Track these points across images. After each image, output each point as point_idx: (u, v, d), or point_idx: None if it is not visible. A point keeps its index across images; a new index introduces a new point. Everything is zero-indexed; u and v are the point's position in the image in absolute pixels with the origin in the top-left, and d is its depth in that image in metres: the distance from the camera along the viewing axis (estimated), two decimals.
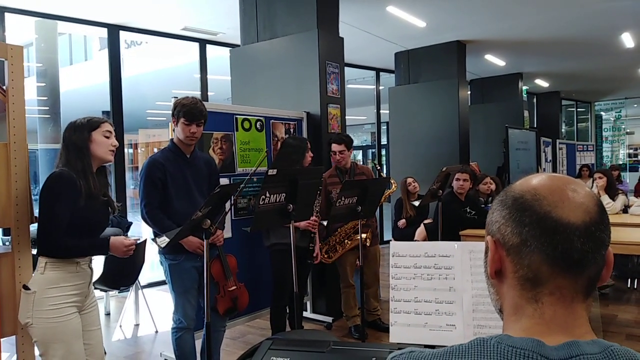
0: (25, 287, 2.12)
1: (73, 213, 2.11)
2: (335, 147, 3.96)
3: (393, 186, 4.27)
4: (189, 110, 2.79)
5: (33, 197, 2.40)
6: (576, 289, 0.70)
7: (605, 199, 5.42)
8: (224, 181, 3.52)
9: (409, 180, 5.57)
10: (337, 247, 3.98)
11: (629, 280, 5.45)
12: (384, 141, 10.54)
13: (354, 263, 4.07)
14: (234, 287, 3.08)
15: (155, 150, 7.20)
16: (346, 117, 4.83)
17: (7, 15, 5.12)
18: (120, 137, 5.87)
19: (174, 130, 2.92)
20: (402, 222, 5.39)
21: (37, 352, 2.14)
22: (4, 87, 2.32)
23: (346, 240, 3.97)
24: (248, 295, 3.20)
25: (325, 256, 3.97)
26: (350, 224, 3.93)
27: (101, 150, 2.20)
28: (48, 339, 2.07)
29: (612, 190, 5.52)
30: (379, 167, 4.10)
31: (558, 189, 0.72)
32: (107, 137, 2.22)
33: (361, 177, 4.03)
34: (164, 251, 2.81)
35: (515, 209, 0.72)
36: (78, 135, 2.17)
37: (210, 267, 3.00)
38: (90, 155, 2.18)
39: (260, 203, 2.69)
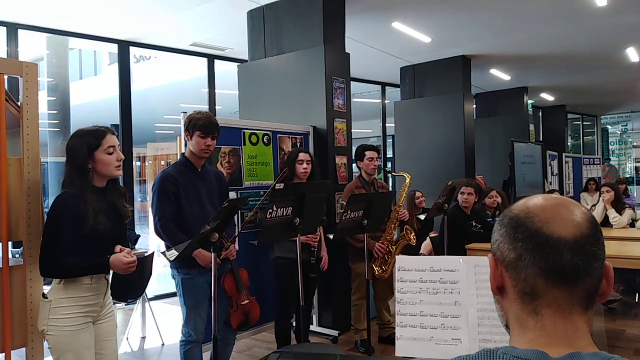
0: (44, 296, 2.16)
1: (75, 235, 2.10)
2: (372, 153, 4.09)
3: (407, 179, 4.25)
4: (204, 124, 2.84)
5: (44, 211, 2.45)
6: (572, 301, 0.73)
7: (612, 213, 5.41)
8: (232, 195, 3.56)
9: (417, 194, 5.58)
10: (387, 257, 3.99)
11: (637, 294, 5.41)
12: (389, 154, 10.57)
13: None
14: (246, 301, 3.09)
15: (163, 163, 7.27)
16: (352, 130, 4.88)
17: (20, 31, 5.23)
18: (128, 151, 5.96)
19: (185, 144, 2.96)
20: None
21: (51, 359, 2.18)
22: (19, 103, 2.38)
23: (391, 247, 3.99)
24: (259, 308, 3.21)
25: (381, 271, 3.97)
26: (388, 230, 3.97)
27: (107, 170, 2.17)
28: (60, 347, 2.10)
29: (619, 204, 5.50)
30: (388, 170, 4.20)
31: (550, 207, 0.76)
32: (111, 154, 2.17)
33: (384, 190, 4.10)
34: (176, 265, 2.83)
35: (510, 226, 0.77)
36: (78, 153, 2.13)
37: (224, 281, 3.03)
38: (91, 176, 2.16)
39: (268, 217, 2.72)
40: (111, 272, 2.26)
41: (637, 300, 5.36)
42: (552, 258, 0.72)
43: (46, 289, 2.35)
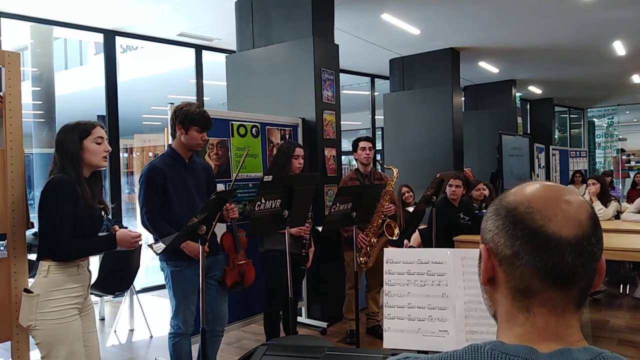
0: (27, 290, 2.13)
1: (73, 215, 2.13)
2: (365, 143, 4.10)
3: (395, 173, 4.23)
4: (202, 119, 2.84)
5: (28, 202, 2.42)
6: (567, 301, 0.71)
7: (598, 205, 5.48)
8: (220, 187, 3.53)
9: (404, 189, 5.59)
10: (369, 249, 3.97)
11: (621, 285, 5.49)
12: (378, 146, 10.59)
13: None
14: (243, 262, 3.10)
15: (151, 154, 7.21)
16: (341, 122, 4.87)
17: (2, 20, 5.13)
18: (115, 142, 5.90)
19: (173, 136, 2.93)
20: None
21: (39, 355, 2.15)
22: (1, 94, 2.34)
23: (374, 240, 3.98)
24: (255, 272, 3.21)
25: (363, 265, 3.95)
26: (375, 223, 3.94)
27: (94, 159, 2.22)
28: (51, 340, 2.09)
29: (604, 197, 5.57)
30: (380, 162, 4.37)
31: (552, 200, 0.72)
32: (99, 144, 2.22)
33: (380, 182, 4.09)
34: (165, 257, 2.82)
35: (509, 220, 0.73)
36: (69, 142, 2.17)
37: (223, 239, 3.06)
38: (82, 163, 2.19)
39: (256, 209, 2.71)
40: (97, 264, 2.26)
41: (621, 291, 5.44)
42: (552, 260, 0.69)
43: (31, 281, 2.32)
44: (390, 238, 3.96)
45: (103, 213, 2.34)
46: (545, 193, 0.73)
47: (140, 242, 2.27)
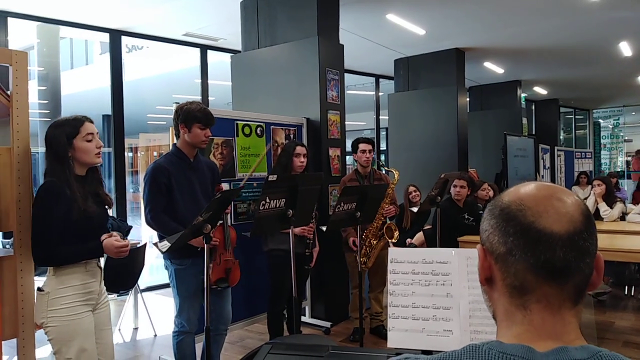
0: (39, 289, 2.15)
1: (66, 221, 2.10)
2: (365, 146, 4.08)
3: (396, 175, 4.22)
4: (205, 116, 2.86)
5: None
6: (563, 296, 0.72)
7: (603, 207, 5.45)
8: (224, 186, 3.54)
9: (411, 188, 5.59)
10: (368, 250, 3.97)
11: (626, 287, 5.47)
12: (383, 147, 10.58)
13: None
14: (229, 258, 3.07)
15: (155, 154, 7.23)
16: (346, 122, 4.87)
17: (10, 20, 5.16)
18: (120, 142, 5.92)
19: (177, 135, 2.94)
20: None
21: (45, 352, 2.16)
22: (8, 92, 2.35)
23: (373, 241, 3.97)
24: (240, 273, 3.17)
25: (363, 265, 3.93)
26: (375, 225, 3.94)
27: (87, 157, 2.17)
28: (62, 337, 2.10)
29: (610, 198, 5.54)
30: (382, 164, 4.33)
31: (544, 198, 0.73)
32: (90, 141, 2.17)
33: (380, 182, 4.08)
34: (169, 256, 2.82)
35: (502, 219, 0.74)
36: (57, 140, 2.12)
37: (213, 234, 3.01)
38: (72, 164, 2.15)
39: (260, 208, 2.72)
40: (103, 262, 2.27)
41: (626, 292, 5.42)
42: (544, 255, 0.70)
43: (37, 279, 2.34)
44: (389, 241, 3.94)
45: (106, 206, 2.32)
46: (539, 192, 0.74)
47: (126, 252, 2.20)
